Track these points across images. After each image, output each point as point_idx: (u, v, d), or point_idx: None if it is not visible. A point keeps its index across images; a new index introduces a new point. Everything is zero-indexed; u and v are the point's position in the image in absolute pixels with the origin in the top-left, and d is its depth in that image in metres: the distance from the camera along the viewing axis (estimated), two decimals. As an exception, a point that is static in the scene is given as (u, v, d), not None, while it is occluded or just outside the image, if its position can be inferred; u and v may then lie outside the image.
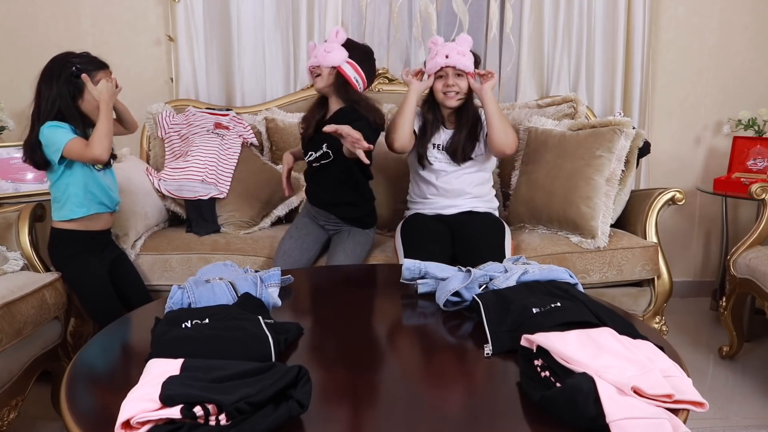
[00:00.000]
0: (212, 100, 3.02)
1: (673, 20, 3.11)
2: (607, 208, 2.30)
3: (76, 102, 1.91)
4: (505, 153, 2.24)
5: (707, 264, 3.33)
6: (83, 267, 2.00)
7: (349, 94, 2.14)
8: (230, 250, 2.31)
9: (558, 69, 3.04)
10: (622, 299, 2.29)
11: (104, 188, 2.02)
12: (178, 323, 1.24)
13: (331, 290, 1.81)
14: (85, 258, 2.00)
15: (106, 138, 1.87)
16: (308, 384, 0.98)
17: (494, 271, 1.57)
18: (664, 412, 0.93)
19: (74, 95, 1.90)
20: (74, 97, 1.90)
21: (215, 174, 2.51)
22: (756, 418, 2.07)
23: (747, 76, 3.17)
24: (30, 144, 1.92)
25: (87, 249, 2.01)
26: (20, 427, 1.99)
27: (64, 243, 2.00)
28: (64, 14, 2.96)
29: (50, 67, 1.90)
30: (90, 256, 2.01)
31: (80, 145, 1.87)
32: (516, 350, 1.17)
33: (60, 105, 1.88)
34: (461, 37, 2.20)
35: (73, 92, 1.90)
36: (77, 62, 1.90)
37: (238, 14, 2.96)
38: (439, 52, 2.17)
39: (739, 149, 2.95)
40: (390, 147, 2.23)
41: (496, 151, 2.23)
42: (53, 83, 1.88)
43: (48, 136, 1.87)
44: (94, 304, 2.02)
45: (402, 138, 2.17)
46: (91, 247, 2.02)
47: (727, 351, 2.53)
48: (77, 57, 1.92)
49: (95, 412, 1.05)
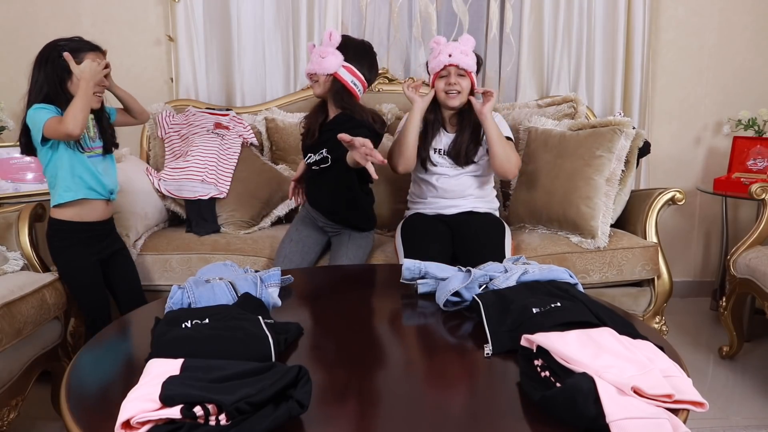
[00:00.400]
0: (212, 100, 3.02)
1: (673, 20, 3.11)
2: (607, 208, 2.30)
3: (65, 85, 1.90)
4: (507, 177, 2.26)
5: (707, 264, 3.33)
6: (72, 260, 1.99)
7: (345, 101, 2.10)
8: (230, 251, 2.31)
9: (558, 69, 3.04)
10: (622, 299, 2.29)
11: (93, 173, 1.97)
12: (178, 323, 1.24)
13: (331, 290, 1.81)
14: (77, 251, 1.98)
15: (81, 113, 1.82)
16: (308, 384, 0.98)
17: (494, 271, 1.57)
18: (664, 412, 0.93)
19: (62, 77, 1.89)
20: (62, 80, 1.89)
21: (215, 174, 2.51)
22: (756, 418, 2.07)
23: (747, 76, 3.17)
24: (21, 129, 1.93)
25: (80, 241, 1.98)
26: (20, 427, 1.99)
27: (57, 234, 1.99)
28: (64, 14, 2.96)
29: (41, 52, 1.91)
30: (83, 248, 1.98)
31: (55, 121, 1.84)
32: (516, 350, 1.17)
33: (47, 88, 1.88)
34: (464, 37, 2.20)
35: (60, 74, 1.89)
36: (65, 44, 1.90)
37: (238, 14, 2.96)
38: (442, 51, 2.17)
39: (739, 149, 2.95)
40: (394, 170, 2.23)
41: (498, 173, 2.24)
42: (42, 67, 1.89)
43: (32, 117, 1.87)
44: (81, 297, 2.02)
45: (407, 163, 2.19)
46: (84, 240, 1.99)
47: (727, 351, 2.53)
48: (67, 40, 1.92)
49: (95, 412, 1.05)
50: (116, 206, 2.18)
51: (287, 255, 2.21)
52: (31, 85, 1.92)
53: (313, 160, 2.15)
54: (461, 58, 2.15)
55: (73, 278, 2.01)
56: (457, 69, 2.16)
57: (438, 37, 2.23)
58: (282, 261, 2.20)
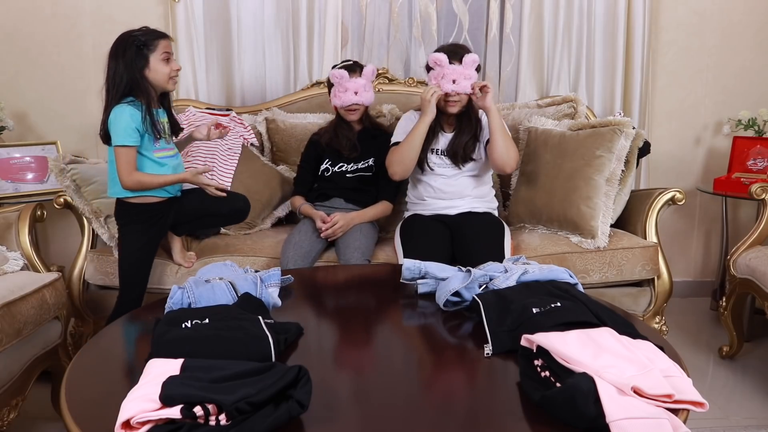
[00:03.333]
0: (212, 100, 3.02)
1: (673, 20, 3.11)
2: (607, 208, 2.30)
3: (143, 72, 1.98)
4: (505, 170, 2.26)
5: (707, 264, 3.33)
6: (124, 237, 2.05)
7: (370, 117, 2.56)
8: (230, 251, 2.31)
9: (558, 69, 3.04)
10: (622, 299, 2.29)
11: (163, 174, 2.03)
12: (178, 323, 1.24)
13: (331, 290, 1.82)
14: (131, 229, 2.04)
15: (148, 187, 1.98)
16: (308, 384, 0.98)
17: (494, 271, 1.57)
18: (664, 412, 0.93)
19: (141, 65, 1.98)
20: (141, 67, 1.98)
21: (215, 174, 2.51)
22: (756, 418, 2.07)
23: (747, 76, 3.17)
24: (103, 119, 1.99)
25: (139, 221, 2.03)
26: (20, 427, 1.99)
27: (119, 211, 2.06)
28: (64, 14, 2.96)
29: (115, 45, 1.99)
30: (138, 227, 2.03)
31: (129, 161, 1.94)
32: (516, 350, 1.17)
33: (127, 76, 1.96)
34: (468, 59, 2.13)
35: (141, 64, 1.97)
36: (140, 35, 1.99)
37: (238, 14, 2.96)
38: (445, 76, 2.13)
39: (739, 149, 2.95)
40: (392, 176, 2.27)
41: (496, 166, 2.24)
42: (120, 58, 1.97)
43: (115, 124, 1.93)
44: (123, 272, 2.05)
45: (408, 170, 2.25)
46: (143, 219, 2.04)
47: (727, 351, 2.53)
48: (138, 31, 2.01)
49: (95, 412, 1.05)
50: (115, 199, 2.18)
51: (297, 242, 2.24)
52: (108, 77, 1.99)
53: (354, 168, 2.44)
54: (465, 85, 2.12)
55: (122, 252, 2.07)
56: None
57: (438, 56, 2.13)
58: (292, 247, 2.21)
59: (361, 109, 2.42)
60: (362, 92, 2.35)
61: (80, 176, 2.22)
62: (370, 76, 2.39)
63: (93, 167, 2.30)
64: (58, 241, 3.06)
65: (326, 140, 2.47)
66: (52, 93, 3.00)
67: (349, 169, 2.45)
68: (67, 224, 2.85)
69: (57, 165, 2.22)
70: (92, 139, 2.95)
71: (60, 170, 2.21)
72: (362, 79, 2.35)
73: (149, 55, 1.97)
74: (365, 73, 2.37)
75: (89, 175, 2.25)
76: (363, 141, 2.45)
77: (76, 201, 2.24)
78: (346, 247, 2.21)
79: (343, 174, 2.45)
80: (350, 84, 2.33)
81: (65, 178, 2.21)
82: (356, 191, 2.45)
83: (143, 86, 1.97)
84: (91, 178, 2.24)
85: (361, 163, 2.45)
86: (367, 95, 2.38)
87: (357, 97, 2.34)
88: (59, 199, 2.30)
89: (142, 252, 2.05)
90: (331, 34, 2.96)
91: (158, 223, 2.07)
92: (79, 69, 2.99)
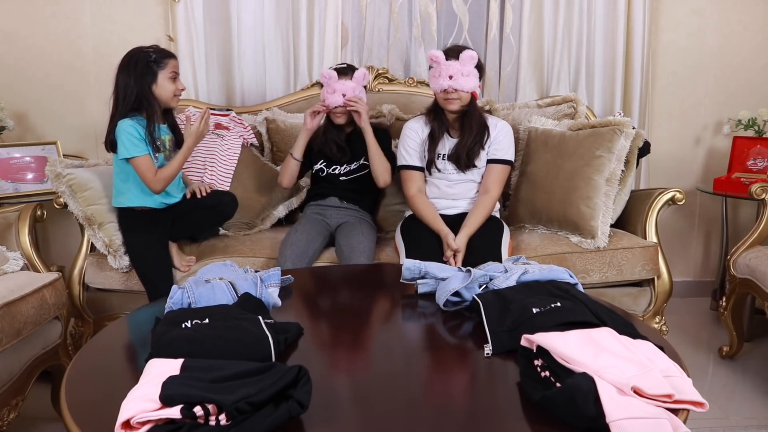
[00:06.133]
0: (212, 100, 3.02)
1: (673, 20, 3.11)
2: (607, 208, 2.30)
3: (151, 87, 2.08)
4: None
5: (707, 264, 3.33)
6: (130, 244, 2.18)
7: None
8: (229, 252, 2.30)
9: (558, 69, 3.04)
10: (622, 299, 2.29)
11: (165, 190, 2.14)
12: (178, 323, 1.24)
13: (331, 290, 1.82)
14: (135, 234, 2.15)
15: (174, 172, 2.10)
16: (308, 384, 0.98)
17: (494, 271, 1.57)
18: (664, 412, 0.93)
19: (150, 81, 2.07)
20: (150, 83, 2.07)
21: (215, 174, 2.51)
22: (756, 418, 2.07)
23: (747, 76, 3.17)
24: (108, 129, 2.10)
25: (141, 226, 2.14)
26: (20, 427, 1.99)
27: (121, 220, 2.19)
28: (64, 14, 2.96)
29: (126, 58, 2.08)
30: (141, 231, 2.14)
31: (148, 167, 2.05)
32: (516, 350, 1.17)
33: (137, 89, 2.06)
34: (465, 55, 2.12)
35: (150, 79, 2.07)
36: (151, 51, 2.10)
37: (238, 14, 2.96)
38: (442, 73, 2.13)
39: (739, 149, 2.95)
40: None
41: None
42: (130, 71, 2.06)
43: (121, 138, 2.04)
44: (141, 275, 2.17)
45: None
46: (145, 224, 2.14)
47: (727, 351, 2.53)
48: (149, 48, 2.12)
49: (95, 412, 1.05)
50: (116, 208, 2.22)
51: (294, 242, 2.23)
52: (117, 89, 2.08)
53: (347, 170, 2.45)
54: (462, 82, 2.12)
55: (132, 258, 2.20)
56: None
57: (435, 53, 2.15)
58: (289, 246, 2.21)
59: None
60: (350, 95, 2.32)
61: (76, 182, 2.20)
62: (361, 80, 2.36)
63: (90, 171, 2.29)
64: (58, 241, 3.06)
65: (317, 146, 2.45)
66: (52, 93, 2.99)
67: (342, 171, 2.46)
68: (67, 224, 2.85)
69: (53, 170, 2.20)
70: (92, 139, 2.95)
71: (56, 175, 2.19)
72: (352, 82, 2.33)
73: (158, 71, 2.07)
74: (356, 76, 2.34)
75: (85, 180, 2.23)
76: (353, 142, 2.44)
77: (71, 206, 2.22)
78: (351, 250, 2.20)
79: (337, 176, 2.47)
80: (338, 85, 2.31)
81: (61, 184, 2.20)
82: (351, 191, 2.46)
83: (150, 100, 2.06)
84: (86, 184, 2.22)
85: (354, 165, 2.45)
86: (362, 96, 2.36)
87: (344, 100, 2.32)
88: (59, 199, 2.29)
89: (152, 249, 2.14)
90: (331, 34, 2.96)
91: (159, 223, 2.13)
92: (79, 69, 2.99)
